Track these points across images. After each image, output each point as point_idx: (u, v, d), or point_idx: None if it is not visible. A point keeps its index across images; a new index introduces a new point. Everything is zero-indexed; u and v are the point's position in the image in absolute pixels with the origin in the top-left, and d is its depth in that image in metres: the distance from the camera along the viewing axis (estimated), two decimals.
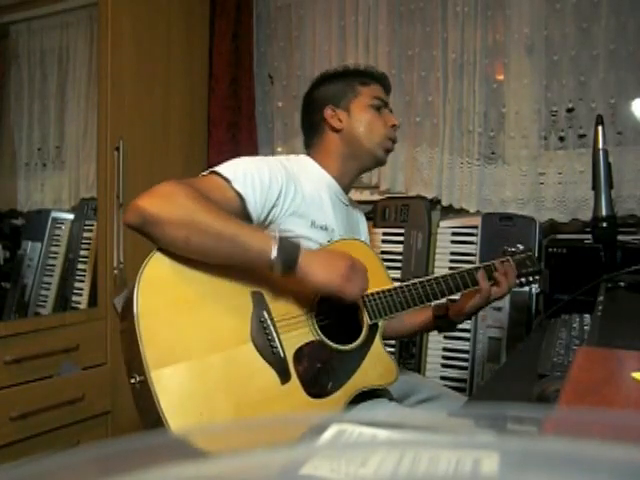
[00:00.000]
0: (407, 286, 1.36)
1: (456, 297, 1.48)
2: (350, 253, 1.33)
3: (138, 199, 1.11)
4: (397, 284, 1.37)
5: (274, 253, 1.11)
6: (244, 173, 1.23)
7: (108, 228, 2.16)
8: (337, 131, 1.47)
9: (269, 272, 1.14)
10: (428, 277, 1.40)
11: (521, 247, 1.54)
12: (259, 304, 1.18)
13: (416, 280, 1.39)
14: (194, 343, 1.09)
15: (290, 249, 1.14)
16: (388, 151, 1.51)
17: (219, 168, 1.24)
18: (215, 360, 1.09)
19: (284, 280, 1.18)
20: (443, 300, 1.44)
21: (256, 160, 1.32)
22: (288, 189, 1.30)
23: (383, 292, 1.33)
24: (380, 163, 1.55)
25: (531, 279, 1.55)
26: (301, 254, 1.15)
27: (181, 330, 1.09)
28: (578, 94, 2.19)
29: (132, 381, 1.06)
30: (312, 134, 1.52)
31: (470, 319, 1.52)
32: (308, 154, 1.52)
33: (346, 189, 1.52)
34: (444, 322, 1.52)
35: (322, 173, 1.46)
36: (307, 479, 0.32)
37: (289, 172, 1.32)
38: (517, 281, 1.53)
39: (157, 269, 1.10)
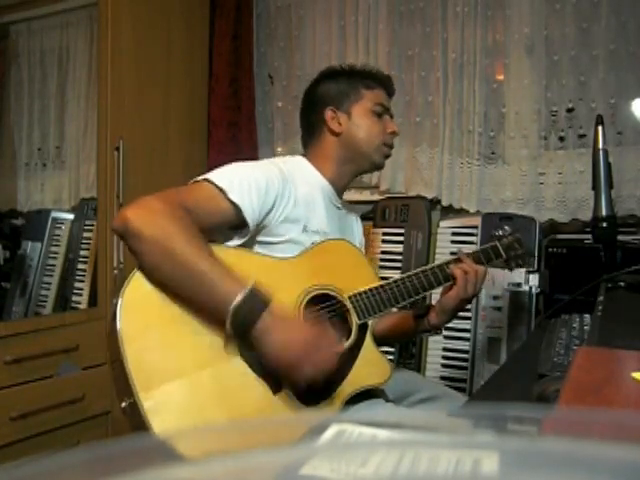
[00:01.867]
0: (395, 282, 1.34)
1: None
2: (334, 253, 1.32)
3: (127, 208, 1.10)
4: (383, 282, 1.35)
5: (234, 307, 1.04)
6: (240, 181, 1.21)
7: (108, 228, 2.15)
8: (336, 134, 1.44)
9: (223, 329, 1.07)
10: (415, 270, 1.38)
11: (508, 229, 1.52)
12: None
13: (403, 275, 1.37)
14: (181, 361, 1.07)
15: (254, 306, 1.06)
16: (386, 157, 1.50)
17: (213, 176, 1.21)
18: (204, 376, 1.08)
19: (269, 287, 1.12)
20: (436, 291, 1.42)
21: (251, 166, 1.30)
22: (284, 193, 1.28)
23: (370, 290, 1.31)
24: (378, 168, 1.54)
25: (521, 262, 1.53)
26: (262, 317, 1.06)
27: (167, 349, 1.07)
28: (578, 94, 2.19)
29: (123, 404, 1.05)
30: (310, 133, 1.50)
31: (455, 316, 1.43)
32: (305, 154, 1.49)
33: (340, 192, 1.49)
34: (423, 324, 1.44)
35: (317, 176, 1.44)
36: (307, 479, 0.32)
37: (285, 175, 1.31)
38: (506, 265, 1.52)
39: (138, 289, 1.09)
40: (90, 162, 2.24)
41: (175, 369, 1.06)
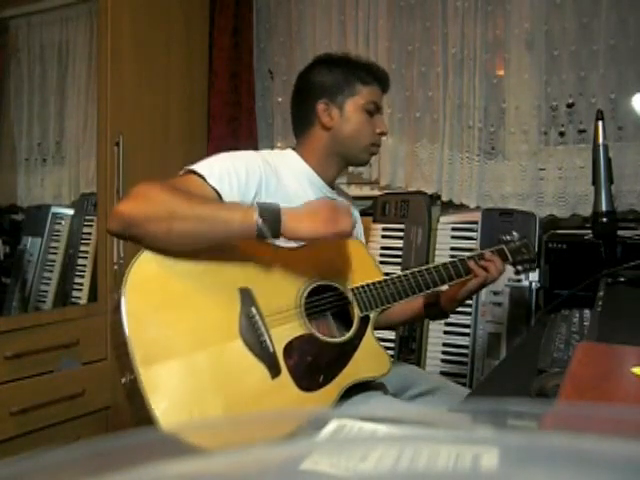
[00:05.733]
0: (398, 277, 1.36)
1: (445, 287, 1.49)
2: (335, 244, 1.33)
3: (117, 205, 1.12)
4: (387, 277, 1.36)
5: (258, 220, 1.10)
6: (220, 169, 1.23)
7: None
8: (326, 128, 1.42)
9: (257, 242, 1.13)
10: (419, 268, 1.40)
11: (516, 235, 1.54)
12: (247, 300, 1.17)
13: (407, 271, 1.38)
14: (183, 341, 1.09)
15: (271, 212, 1.13)
16: (372, 154, 1.50)
17: (195, 166, 1.23)
18: (204, 357, 1.09)
19: (272, 274, 1.18)
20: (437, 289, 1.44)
21: (233, 155, 1.30)
22: (268, 183, 1.29)
23: (374, 284, 1.33)
24: (363, 164, 1.60)
25: (527, 267, 1.55)
26: (283, 214, 1.13)
27: (169, 329, 1.09)
28: (578, 89, 2.19)
29: (123, 380, 1.07)
30: (300, 123, 1.48)
31: (461, 305, 1.51)
32: (295, 145, 1.49)
33: (330, 183, 1.48)
34: (434, 310, 1.52)
35: (305, 167, 1.43)
36: (307, 474, 0.32)
37: (270, 166, 1.31)
38: (513, 269, 1.54)
39: (143, 270, 1.10)
40: (90, 157, 2.24)
41: (176, 348, 1.07)
